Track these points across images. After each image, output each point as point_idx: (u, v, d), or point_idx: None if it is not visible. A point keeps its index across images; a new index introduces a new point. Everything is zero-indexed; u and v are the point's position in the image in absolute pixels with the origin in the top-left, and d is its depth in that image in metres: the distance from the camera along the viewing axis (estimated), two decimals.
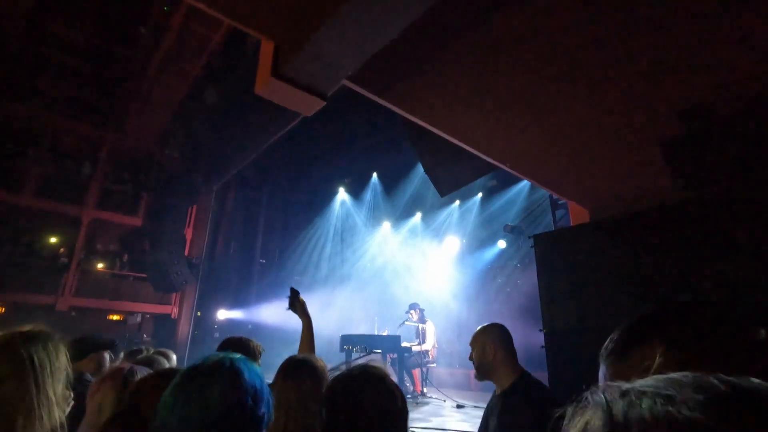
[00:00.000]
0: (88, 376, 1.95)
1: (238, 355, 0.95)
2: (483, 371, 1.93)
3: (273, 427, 1.50)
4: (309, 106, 2.03)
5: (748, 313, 1.80)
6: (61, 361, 1.13)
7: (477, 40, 2.03)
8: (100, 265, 13.11)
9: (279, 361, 1.68)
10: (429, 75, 2.21)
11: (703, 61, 2.02)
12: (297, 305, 2.33)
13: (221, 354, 0.95)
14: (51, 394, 1.05)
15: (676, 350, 0.59)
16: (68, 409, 1.17)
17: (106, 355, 2.23)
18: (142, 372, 1.36)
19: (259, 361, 2.17)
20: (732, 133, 2.15)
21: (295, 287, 2.38)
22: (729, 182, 2.10)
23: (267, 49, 1.98)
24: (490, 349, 1.90)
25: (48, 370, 1.06)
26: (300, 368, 1.61)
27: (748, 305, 1.83)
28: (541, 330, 2.43)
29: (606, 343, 0.67)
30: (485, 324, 2.04)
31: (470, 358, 1.99)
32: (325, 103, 2.03)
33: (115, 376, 1.34)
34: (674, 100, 2.25)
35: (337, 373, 1.17)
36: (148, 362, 1.67)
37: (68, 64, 12.70)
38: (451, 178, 4.93)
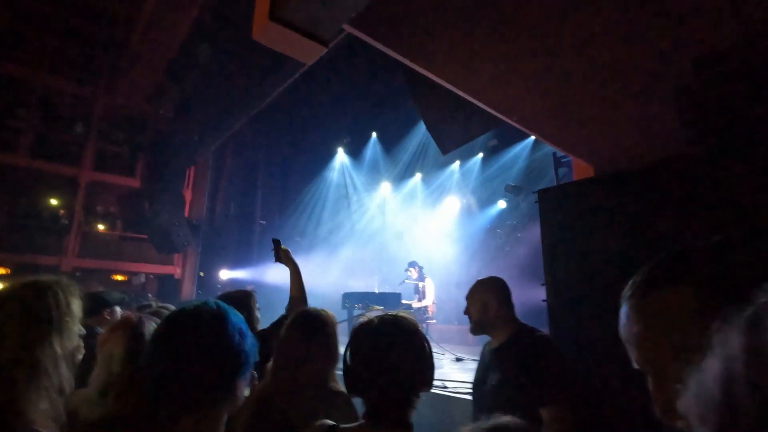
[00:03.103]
0: (99, 330, 1.98)
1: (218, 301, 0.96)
2: (482, 327, 1.90)
3: (282, 376, 1.54)
4: (309, 52, 1.93)
5: None
6: (72, 314, 1.08)
7: None
8: (100, 227, 13.15)
9: None
10: (432, 19, 2.09)
11: (724, 3, 1.91)
12: (281, 255, 2.33)
13: (201, 299, 0.95)
14: (57, 348, 1.00)
15: (706, 293, 0.56)
16: (79, 359, 1.17)
17: (118, 310, 2.27)
18: (150, 322, 1.37)
19: (257, 303, 2.20)
20: (749, 81, 2.07)
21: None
22: (742, 133, 2.04)
23: None
24: (492, 306, 1.86)
25: (56, 323, 1.02)
26: (311, 322, 1.62)
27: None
28: (542, 284, 2.45)
29: (630, 282, 0.64)
30: (483, 278, 1.99)
31: (466, 313, 1.95)
32: (327, 49, 1.93)
33: (124, 326, 1.35)
34: (690, 46, 2.15)
35: (364, 320, 1.14)
36: (157, 315, 1.68)
37: (55, 18, 12.15)
38: (453, 136, 4.82)
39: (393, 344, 1.05)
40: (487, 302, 1.88)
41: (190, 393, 0.82)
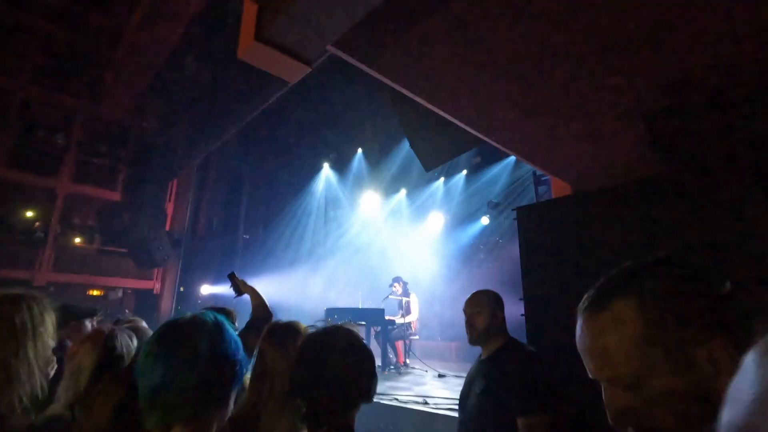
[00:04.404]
0: (68, 342, 1.93)
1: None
2: (486, 337, 1.94)
3: (261, 388, 1.52)
4: (293, 72, 1.98)
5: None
6: (46, 326, 1.12)
7: (461, 6, 1.99)
8: (77, 240, 12.81)
9: None
10: (414, 43, 2.16)
11: (696, 33, 2.02)
12: (240, 287, 2.36)
13: (196, 311, 0.96)
14: (32, 356, 1.04)
15: (649, 305, 0.61)
16: (51, 373, 1.17)
17: (88, 323, 2.21)
18: (123, 334, 1.35)
19: (236, 324, 2.20)
20: (717, 107, 2.19)
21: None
22: (709, 156, 2.15)
23: (250, 11, 1.91)
24: (499, 315, 1.95)
25: (30, 333, 1.05)
26: (283, 332, 1.63)
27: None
28: (520, 299, 2.50)
29: (584, 297, 0.69)
30: (486, 290, 2.05)
31: (470, 323, 1.98)
32: (310, 69, 1.99)
33: (95, 338, 1.33)
34: (661, 73, 2.27)
35: (313, 329, 1.18)
36: (131, 327, 1.65)
37: (38, 28, 12.04)
38: (436, 153, 4.91)
39: (329, 353, 1.08)
40: (495, 312, 1.96)
41: (185, 401, 0.81)
